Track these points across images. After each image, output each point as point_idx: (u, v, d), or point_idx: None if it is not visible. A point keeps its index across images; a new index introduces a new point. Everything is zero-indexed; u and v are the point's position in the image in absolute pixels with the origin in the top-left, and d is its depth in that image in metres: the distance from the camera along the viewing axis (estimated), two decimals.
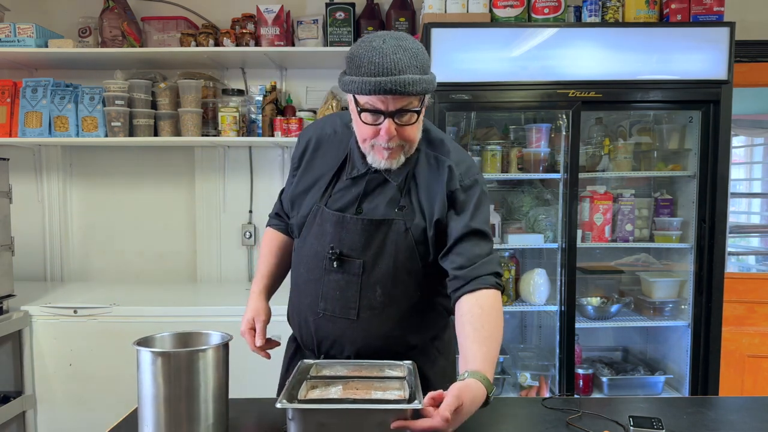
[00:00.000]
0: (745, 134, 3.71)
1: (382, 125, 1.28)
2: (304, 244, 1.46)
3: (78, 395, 2.56)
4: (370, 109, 1.27)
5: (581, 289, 2.92)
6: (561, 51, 2.52)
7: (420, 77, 1.25)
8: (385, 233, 1.37)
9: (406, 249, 1.38)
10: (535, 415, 1.39)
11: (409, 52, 1.25)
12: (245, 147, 3.19)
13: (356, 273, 1.38)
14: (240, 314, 2.48)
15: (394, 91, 1.22)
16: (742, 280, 3.04)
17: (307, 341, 1.50)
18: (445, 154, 1.42)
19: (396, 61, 1.23)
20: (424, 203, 1.39)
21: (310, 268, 1.44)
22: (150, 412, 1.16)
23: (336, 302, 1.40)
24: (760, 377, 3.00)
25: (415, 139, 1.36)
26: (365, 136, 1.33)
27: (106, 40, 2.90)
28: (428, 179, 1.40)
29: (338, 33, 2.89)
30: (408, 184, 1.40)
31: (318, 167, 1.47)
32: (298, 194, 1.47)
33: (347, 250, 1.38)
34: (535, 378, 2.88)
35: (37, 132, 2.84)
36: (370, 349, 1.41)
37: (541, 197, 2.96)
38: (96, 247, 3.27)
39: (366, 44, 1.27)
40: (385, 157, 1.34)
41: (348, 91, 1.29)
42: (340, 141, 1.47)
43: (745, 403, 1.59)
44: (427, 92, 1.29)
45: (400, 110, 1.27)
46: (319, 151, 1.48)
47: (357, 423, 1.07)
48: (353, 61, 1.27)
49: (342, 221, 1.38)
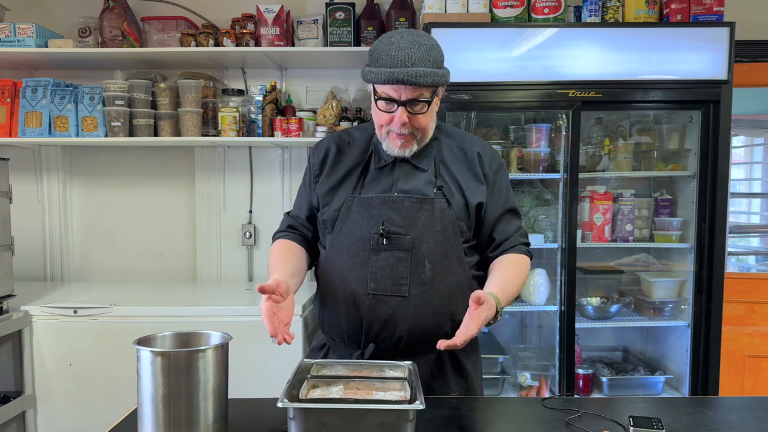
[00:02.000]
0: (745, 134, 3.71)
1: (395, 113, 1.41)
2: (341, 234, 1.49)
3: (78, 395, 2.55)
4: (385, 98, 1.41)
5: (581, 289, 2.92)
6: (561, 51, 2.52)
7: (432, 70, 1.37)
8: (430, 210, 1.46)
9: (450, 224, 1.47)
10: (535, 415, 1.39)
11: (423, 47, 1.38)
12: (245, 147, 3.19)
13: (406, 248, 1.45)
14: (240, 314, 2.50)
15: (406, 82, 1.35)
16: (742, 280, 3.04)
17: (353, 330, 1.49)
18: (468, 143, 1.57)
19: (410, 55, 1.35)
20: (462, 184, 1.50)
21: (353, 253, 1.47)
22: (150, 412, 1.16)
23: (386, 280, 1.44)
24: (760, 377, 3.00)
25: (426, 128, 1.47)
26: (381, 122, 1.45)
27: (106, 40, 2.90)
28: (458, 165, 1.53)
29: (338, 33, 2.89)
30: (438, 169, 1.51)
31: (343, 166, 1.55)
32: (327, 191, 1.53)
33: (395, 227, 1.45)
34: (535, 378, 2.88)
35: (37, 132, 2.84)
36: (420, 329, 1.44)
37: (541, 197, 2.96)
38: (96, 247, 3.27)
39: (386, 39, 1.41)
40: (398, 145, 1.46)
41: (367, 80, 1.42)
42: (361, 144, 1.57)
43: (745, 403, 1.59)
44: (438, 85, 1.40)
45: (412, 100, 1.39)
46: (341, 155, 1.56)
47: (358, 423, 1.07)
48: (373, 54, 1.41)
49: (387, 200, 1.46)
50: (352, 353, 1.50)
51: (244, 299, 2.78)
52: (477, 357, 1.63)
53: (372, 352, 1.47)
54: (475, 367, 1.60)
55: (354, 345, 1.51)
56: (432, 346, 1.44)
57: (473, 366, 1.59)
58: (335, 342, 1.57)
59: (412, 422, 1.09)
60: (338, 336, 1.54)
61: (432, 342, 1.43)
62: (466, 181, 1.51)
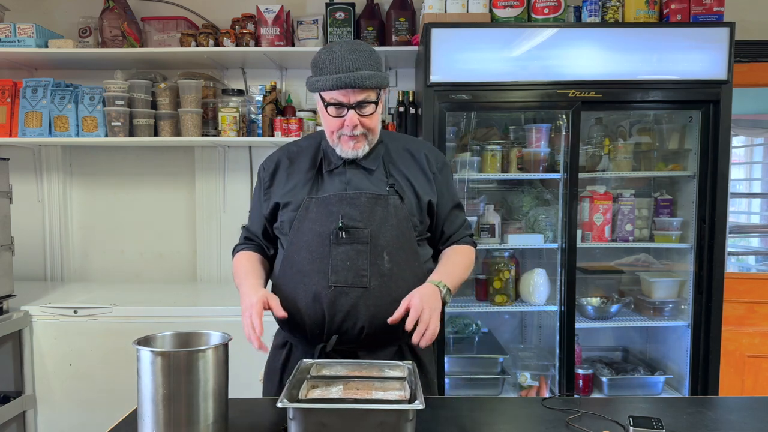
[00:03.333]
0: (745, 134, 3.71)
1: (346, 116, 1.49)
2: (299, 233, 1.54)
3: (78, 395, 2.55)
4: (335, 103, 1.48)
5: (581, 289, 2.92)
6: (561, 51, 2.52)
7: (374, 73, 1.47)
8: (384, 206, 1.53)
9: (404, 219, 1.54)
10: (535, 415, 1.39)
11: (363, 53, 1.48)
12: (245, 147, 3.19)
13: (364, 241, 1.50)
14: (239, 314, 2.48)
15: (353, 85, 1.44)
16: (742, 280, 3.04)
17: (315, 324, 1.51)
18: (414, 145, 1.67)
19: (353, 61, 1.45)
20: (413, 182, 1.59)
21: (312, 249, 1.52)
22: (150, 412, 1.16)
23: (348, 272, 1.49)
24: (760, 377, 3.00)
25: (375, 128, 1.55)
26: (332, 128, 1.53)
27: (106, 40, 2.91)
28: (407, 165, 1.61)
29: (338, 33, 2.89)
30: (388, 169, 1.59)
31: (296, 174, 1.61)
32: (284, 194, 1.59)
33: (353, 222, 1.51)
34: (535, 378, 2.88)
35: (37, 132, 2.84)
36: (381, 319, 1.47)
37: (541, 197, 2.96)
38: (96, 247, 3.28)
39: (327, 50, 1.50)
40: (351, 146, 1.53)
41: (315, 90, 1.50)
42: (310, 151, 1.64)
43: (745, 403, 1.59)
44: (381, 86, 1.50)
45: (359, 102, 1.48)
46: (293, 165, 1.63)
47: (358, 423, 1.07)
48: (317, 65, 1.50)
49: (345, 198, 1.53)
50: (316, 347, 1.52)
51: None
52: (432, 356, 1.69)
53: (334, 345, 1.50)
54: (432, 365, 1.66)
55: (316, 339, 1.53)
56: (392, 338, 1.54)
57: (430, 363, 1.65)
58: (297, 339, 1.59)
59: (412, 422, 1.09)
60: (299, 333, 1.56)
61: (392, 333, 1.51)
62: (416, 179, 1.59)
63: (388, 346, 1.55)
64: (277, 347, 1.65)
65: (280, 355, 1.62)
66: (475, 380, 2.81)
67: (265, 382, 1.66)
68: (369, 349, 1.52)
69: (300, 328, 1.55)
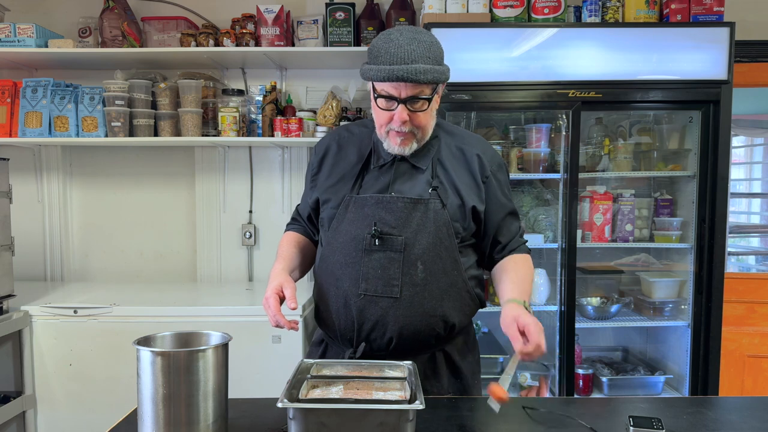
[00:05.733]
0: (745, 134, 3.71)
1: (395, 111, 1.39)
2: (336, 233, 1.49)
3: (78, 395, 2.55)
4: (385, 96, 1.39)
5: (581, 289, 2.92)
6: (561, 51, 2.52)
7: (431, 67, 1.36)
8: (423, 211, 1.45)
9: (443, 225, 1.46)
10: (535, 415, 1.39)
11: (423, 44, 1.36)
12: (245, 147, 3.19)
13: (398, 249, 1.44)
14: (240, 314, 2.50)
15: (406, 79, 1.33)
16: (742, 280, 3.04)
17: (345, 329, 1.49)
18: (468, 144, 1.55)
19: (410, 52, 1.34)
20: (458, 185, 1.49)
21: (346, 252, 1.47)
22: (150, 412, 1.16)
23: (378, 281, 1.43)
24: (760, 377, 3.00)
25: (426, 126, 1.45)
26: (381, 121, 1.44)
27: (106, 40, 2.90)
28: (456, 166, 1.51)
29: (338, 33, 2.89)
30: (435, 169, 1.50)
31: (343, 164, 1.54)
32: (326, 189, 1.53)
33: (388, 228, 1.44)
34: (535, 378, 2.88)
35: (37, 132, 2.84)
36: (411, 330, 1.44)
37: (541, 197, 2.96)
38: (96, 247, 3.27)
39: (385, 36, 1.39)
40: (398, 143, 1.44)
41: (366, 78, 1.41)
42: (361, 139, 1.56)
43: (745, 403, 1.59)
44: (438, 81, 1.39)
45: (412, 97, 1.38)
46: (341, 152, 1.56)
47: (358, 423, 1.07)
48: (372, 51, 1.39)
49: (382, 201, 1.46)
50: (346, 351, 1.51)
51: (244, 299, 2.78)
52: (474, 358, 1.62)
53: (363, 352, 1.47)
54: (473, 369, 1.60)
55: (347, 343, 1.52)
56: (424, 347, 1.48)
57: (469, 367, 1.59)
58: (331, 339, 1.58)
59: (412, 422, 1.09)
60: (333, 333, 1.55)
61: (424, 343, 1.47)
62: (463, 182, 1.50)
63: (419, 354, 1.48)
64: (315, 344, 1.63)
65: (316, 352, 1.61)
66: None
67: None
68: (399, 357, 1.39)
69: (332, 328, 1.53)
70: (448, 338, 1.53)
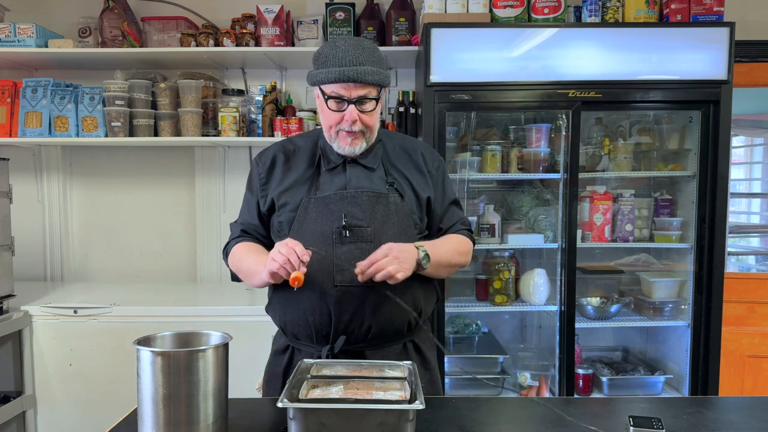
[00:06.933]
0: (745, 134, 3.71)
1: (345, 111, 1.48)
2: (299, 234, 1.51)
3: (78, 395, 2.55)
4: (335, 97, 1.47)
5: (581, 289, 2.92)
6: (561, 51, 2.52)
7: (377, 69, 1.48)
8: (386, 204, 1.54)
9: (405, 217, 1.55)
10: (535, 414, 1.39)
11: (367, 50, 1.48)
12: (245, 147, 3.19)
13: (368, 240, 1.50)
14: (240, 314, 2.50)
15: (356, 79, 1.44)
16: (742, 280, 3.04)
17: (321, 325, 1.50)
18: (410, 144, 1.68)
19: (356, 56, 1.45)
20: (411, 180, 1.59)
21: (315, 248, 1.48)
22: (150, 412, 1.16)
23: (352, 272, 1.45)
24: (760, 377, 3.00)
25: (373, 127, 1.54)
26: (331, 123, 1.51)
27: (106, 40, 2.91)
28: (405, 163, 1.62)
29: (338, 33, 2.89)
30: (387, 168, 1.59)
31: (293, 171, 1.60)
32: (280, 194, 1.57)
33: (356, 221, 1.51)
34: (535, 378, 2.88)
35: (37, 132, 2.84)
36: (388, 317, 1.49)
37: (541, 197, 2.96)
38: (96, 247, 3.28)
39: (330, 44, 1.50)
40: (348, 142, 1.52)
41: (316, 83, 1.50)
42: (307, 149, 1.63)
43: (745, 403, 1.59)
44: (383, 84, 1.50)
45: (360, 98, 1.47)
46: (289, 162, 1.61)
47: (358, 423, 1.07)
48: (319, 58, 1.50)
49: (346, 196, 1.52)
50: (320, 350, 1.51)
51: (244, 299, 2.78)
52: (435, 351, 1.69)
53: (342, 346, 1.48)
54: (435, 361, 1.67)
55: (323, 340, 1.52)
56: (397, 336, 1.55)
57: (434, 359, 1.66)
58: (300, 342, 1.57)
59: (412, 422, 1.09)
60: (305, 334, 1.55)
61: (398, 332, 1.54)
62: (414, 177, 1.60)
63: (393, 343, 1.55)
64: (278, 352, 1.62)
65: (281, 360, 1.59)
66: (475, 380, 2.81)
67: (266, 389, 1.63)
68: (375, 347, 1.52)
69: (305, 329, 1.53)
70: (416, 327, 1.59)
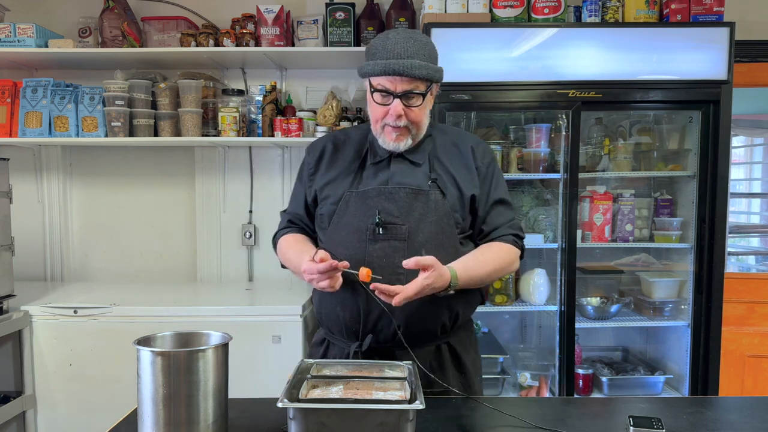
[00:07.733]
0: (745, 134, 3.71)
1: (391, 105, 1.44)
2: (337, 228, 1.51)
3: (78, 395, 2.55)
4: (381, 90, 1.44)
5: (581, 289, 2.92)
6: (561, 51, 2.52)
7: (426, 63, 1.42)
8: (425, 201, 1.49)
9: (444, 215, 1.50)
10: (535, 414, 1.39)
11: (419, 43, 1.43)
12: (245, 147, 3.19)
13: (402, 238, 1.46)
14: (240, 314, 2.50)
15: (402, 72, 1.39)
16: (742, 280, 3.04)
17: (351, 321, 1.50)
18: (461, 139, 1.62)
19: (406, 48, 1.41)
20: (456, 177, 1.54)
21: (349, 244, 1.48)
22: (150, 412, 1.16)
23: (384, 270, 1.43)
24: (760, 377, 3.00)
25: (420, 122, 1.50)
26: (377, 116, 1.48)
27: (106, 40, 2.90)
28: (452, 159, 1.56)
29: (338, 33, 2.89)
30: (432, 163, 1.55)
31: (340, 163, 1.57)
32: (324, 186, 1.56)
33: (391, 217, 1.47)
34: (535, 378, 2.88)
35: (37, 132, 2.84)
36: (417, 319, 1.46)
37: (541, 197, 2.96)
38: (96, 247, 3.27)
39: (383, 36, 1.47)
40: (393, 138, 1.48)
41: (363, 74, 1.46)
42: (356, 141, 1.60)
43: (745, 403, 1.59)
44: (432, 79, 1.45)
45: (407, 92, 1.43)
46: (337, 152, 1.59)
47: (358, 423, 1.07)
48: (370, 50, 1.46)
49: (384, 192, 1.49)
50: (351, 345, 1.51)
51: (244, 299, 2.78)
52: (476, 356, 1.64)
53: (370, 344, 1.47)
54: (474, 365, 1.62)
55: (353, 337, 1.52)
56: (430, 338, 1.50)
57: (472, 363, 1.60)
58: (334, 335, 1.58)
59: (412, 422, 1.09)
60: (336, 328, 1.55)
61: (430, 333, 1.49)
62: (460, 173, 1.55)
63: (425, 345, 1.50)
64: (316, 344, 1.64)
65: (317, 352, 1.61)
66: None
67: None
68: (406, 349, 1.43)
69: (337, 323, 1.54)
70: (452, 330, 1.54)
